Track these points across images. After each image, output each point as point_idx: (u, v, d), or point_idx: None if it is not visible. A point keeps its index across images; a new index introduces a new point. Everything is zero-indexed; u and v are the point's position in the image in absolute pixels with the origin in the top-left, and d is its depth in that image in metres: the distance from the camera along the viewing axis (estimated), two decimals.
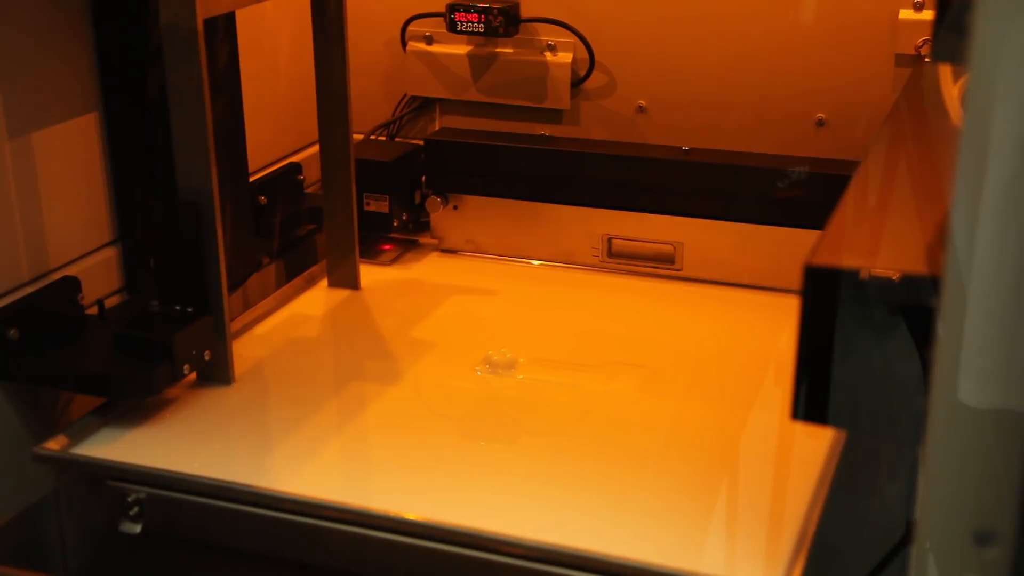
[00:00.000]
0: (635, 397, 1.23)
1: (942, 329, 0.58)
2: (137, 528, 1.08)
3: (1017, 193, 0.54)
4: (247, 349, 1.32)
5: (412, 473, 1.09)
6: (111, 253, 1.28)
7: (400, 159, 1.58)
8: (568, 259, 1.57)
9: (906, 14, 1.43)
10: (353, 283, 1.48)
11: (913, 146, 0.99)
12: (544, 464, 1.11)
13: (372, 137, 1.67)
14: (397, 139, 1.68)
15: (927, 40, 1.42)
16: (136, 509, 1.08)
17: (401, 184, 1.59)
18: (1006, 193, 0.55)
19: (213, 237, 1.18)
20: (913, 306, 0.70)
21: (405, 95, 1.67)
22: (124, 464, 1.09)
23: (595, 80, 1.58)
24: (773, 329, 1.36)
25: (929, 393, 0.59)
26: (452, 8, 1.56)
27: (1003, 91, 0.54)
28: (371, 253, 1.59)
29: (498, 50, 1.60)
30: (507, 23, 1.55)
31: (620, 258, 1.55)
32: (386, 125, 1.68)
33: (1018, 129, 0.54)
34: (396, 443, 1.15)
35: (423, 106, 1.68)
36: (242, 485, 1.06)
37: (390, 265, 1.58)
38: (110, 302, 1.26)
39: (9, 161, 1.14)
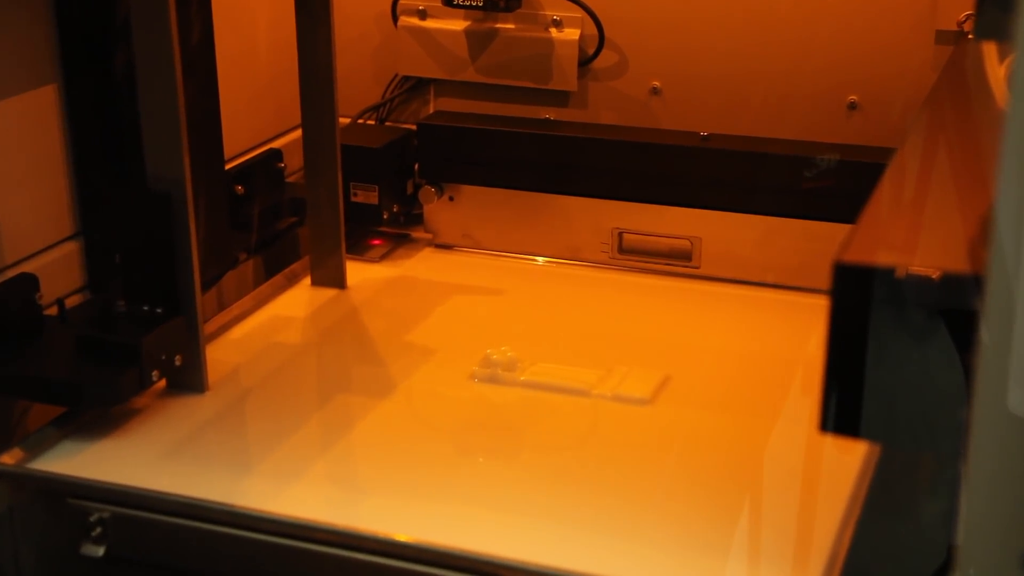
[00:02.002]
0: (648, 407, 1.23)
1: (987, 333, 0.58)
2: (100, 551, 1.08)
3: None
4: (222, 354, 1.31)
5: (403, 491, 1.09)
6: (72, 248, 1.28)
7: (390, 145, 1.58)
8: (575, 255, 1.57)
9: None
10: (339, 282, 1.48)
11: (954, 131, 0.99)
12: (548, 481, 1.11)
13: (360, 121, 1.66)
14: (387, 123, 1.68)
15: (970, 15, 1.41)
16: (99, 530, 1.08)
17: (392, 173, 1.58)
18: None
19: (185, 230, 1.18)
20: (954, 308, 0.70)
21: (396, 75, 1.67)
22: (86, 480, 1.09)
23: (604, 59, 1.58)
24: (800, 333, 1.35)
25: (972, 403, 0.59)
26: None
27: None
28: (358, 249, 1.59)
29: (498, 26, 1.60)
30: None
31: (632, 254, 1.55)
32: (375, 108, 1.68)
33: None
34: (386, 458, 1.15)
35: (416, 87, 1.68)
36: (217, 504, 1.06)
37: (379, 262, 1.58)
38: (71, 301, 1.26)
39: None
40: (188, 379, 1.22)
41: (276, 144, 1.59)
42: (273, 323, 1.41)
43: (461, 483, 1.11)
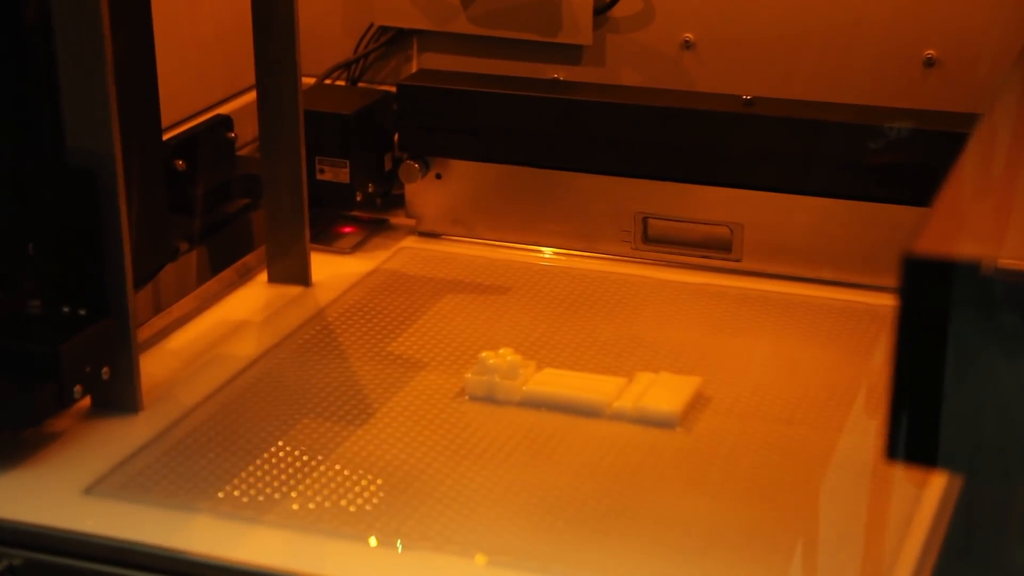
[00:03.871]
0: (679, 430, 1.23)
1: None
2: None
3: None
4: (159, 366, 1.32)
5: (379, 534, 1.09)
6: None
7: (364, 111, 1.58)
8: (590, 246, 1.57)
9: None
10: (301, 277, 1.48)
11: None
12: (557, 518, 1.11)
13: (327, 82, 1.66)
14: (360, 84, 1.68)
15: None
16: None
17: (366, 145, 1.59)
18: None
19: (115, 215, 1.18)
20: None
21: (372, 25, 1.67)
22: None
23: (626, 6, 1.58)
24: (863, 340, 1.36)
25: None
26: None
27: None
28: (326, 237, 1.59)
29: None
30: None
31: (659, 244, 1.55)
32: (346, 66, 1.68)
33: None
34: (359, 494, 1.15)
35: (395, 40, 1.68)
36: (154, 548, 1.06)
37: (351, 253, 1.58)
38: None
39: None
40: (118, 396, 1.23)
41: (225, 109, 1.59)
42: (222, 328, 1.41)
43: (447, 525, 1.11)
